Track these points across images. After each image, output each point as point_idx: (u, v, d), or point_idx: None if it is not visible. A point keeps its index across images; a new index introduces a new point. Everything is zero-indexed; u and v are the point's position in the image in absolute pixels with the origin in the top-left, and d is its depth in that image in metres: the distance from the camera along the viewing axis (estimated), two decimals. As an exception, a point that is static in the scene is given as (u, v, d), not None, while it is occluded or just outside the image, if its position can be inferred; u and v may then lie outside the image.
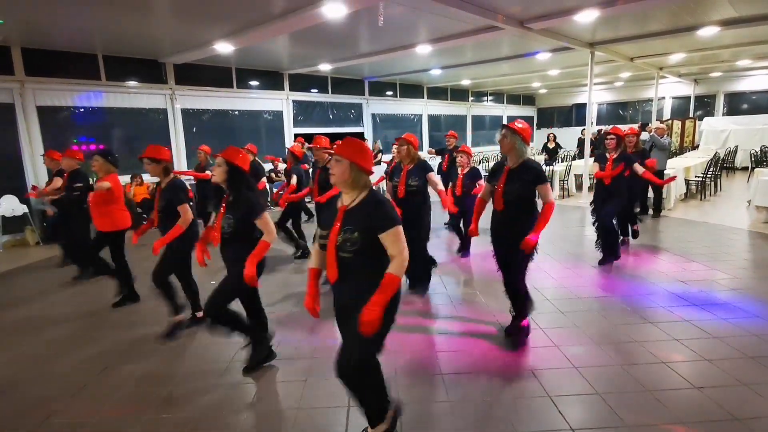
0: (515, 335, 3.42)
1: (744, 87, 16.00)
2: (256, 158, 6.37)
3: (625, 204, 5.53)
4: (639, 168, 5.02)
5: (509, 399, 2.69)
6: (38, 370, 3.26)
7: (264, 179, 6.41)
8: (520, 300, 3.36)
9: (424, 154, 8.15)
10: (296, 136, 11.24)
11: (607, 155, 5.07)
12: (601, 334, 3.51)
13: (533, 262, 3.26)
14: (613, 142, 5.01)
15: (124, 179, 7.09)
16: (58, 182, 5.10)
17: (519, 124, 3.15)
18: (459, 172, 5.57)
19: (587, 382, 2.82)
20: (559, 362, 3.10)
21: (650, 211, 7.86)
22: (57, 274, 5.65)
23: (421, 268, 4.49)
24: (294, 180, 5.56)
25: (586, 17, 6.41)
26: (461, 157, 5.58)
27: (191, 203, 3.67)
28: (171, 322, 3.69)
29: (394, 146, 4.77)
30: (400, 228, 2.03)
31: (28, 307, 4.58)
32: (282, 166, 9.31)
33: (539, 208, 3.15)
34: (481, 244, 6.02)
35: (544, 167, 4.43)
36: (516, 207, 3.13)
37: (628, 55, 10.78)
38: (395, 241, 2.01)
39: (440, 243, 6.48)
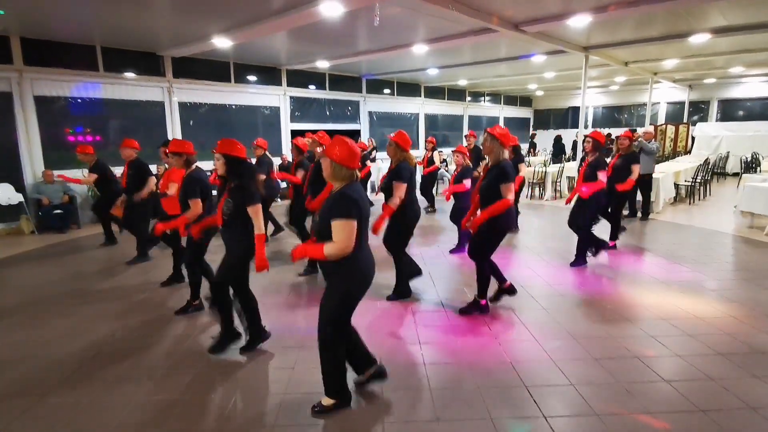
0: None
1: (738, 94, 16.19)
2: (267, 152, 6.61)
3: (607, 207, 5.71)
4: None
5: (487, 388, 2.80)
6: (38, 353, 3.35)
7: (275, 171, 6.67)
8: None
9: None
10: (293, 131, 11.32)
11: (586, 157, 5.14)
12: (580, 329, 3.63)
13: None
14: (589, 146, 4.96)
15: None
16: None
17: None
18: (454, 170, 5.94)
19: (563, 374, 2.94)
20: (538, 355, 3.22)
21: (639, 214, 8.00)
22: (56, 261, 5.73)
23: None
24: (300, 174, 5.42)
25: (579, 22, 6.53)
26: (457, 156, 5.84)
27: None
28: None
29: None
30: None
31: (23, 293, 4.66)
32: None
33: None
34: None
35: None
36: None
37: (622, 59, 10.92)
38: None
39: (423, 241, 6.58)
